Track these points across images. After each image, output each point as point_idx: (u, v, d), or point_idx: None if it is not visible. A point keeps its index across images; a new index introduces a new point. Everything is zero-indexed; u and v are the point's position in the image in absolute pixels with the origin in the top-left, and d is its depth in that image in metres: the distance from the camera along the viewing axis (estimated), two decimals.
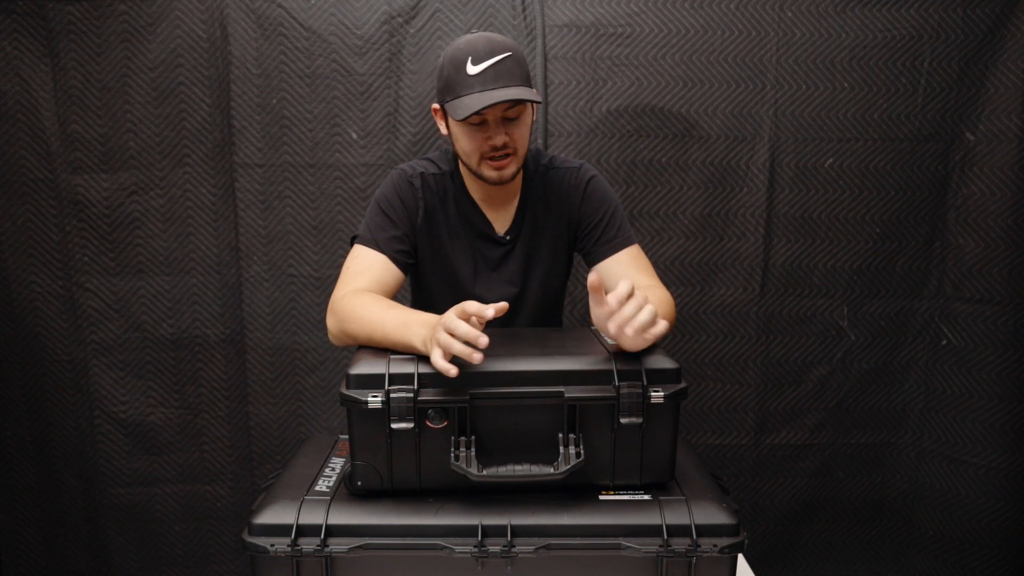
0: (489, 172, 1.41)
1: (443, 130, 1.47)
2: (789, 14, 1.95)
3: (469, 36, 1.39)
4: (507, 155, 1.40)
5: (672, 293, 2.04)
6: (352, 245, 1.47)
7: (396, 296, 1.44)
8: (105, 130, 1.98)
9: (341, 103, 1.98)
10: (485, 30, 1.94)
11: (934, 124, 1.98)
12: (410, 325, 1.18)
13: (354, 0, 1.94)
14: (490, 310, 1.07)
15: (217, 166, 2.02)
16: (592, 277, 1.12)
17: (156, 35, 1.94)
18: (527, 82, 1.38)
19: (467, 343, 1.06)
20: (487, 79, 1.33)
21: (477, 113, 1.33)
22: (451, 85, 1.37)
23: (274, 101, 1.97)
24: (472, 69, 1.34)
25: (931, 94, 1.97)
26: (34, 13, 1.92)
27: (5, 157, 1.98)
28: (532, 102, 1.36)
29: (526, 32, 1.96)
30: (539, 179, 1.53)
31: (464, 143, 1.41)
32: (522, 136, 1.41)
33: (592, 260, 1.52)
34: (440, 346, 1.07)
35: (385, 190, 1.49)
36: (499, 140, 1.37)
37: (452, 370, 1.06)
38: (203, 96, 1.98)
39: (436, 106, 1.45)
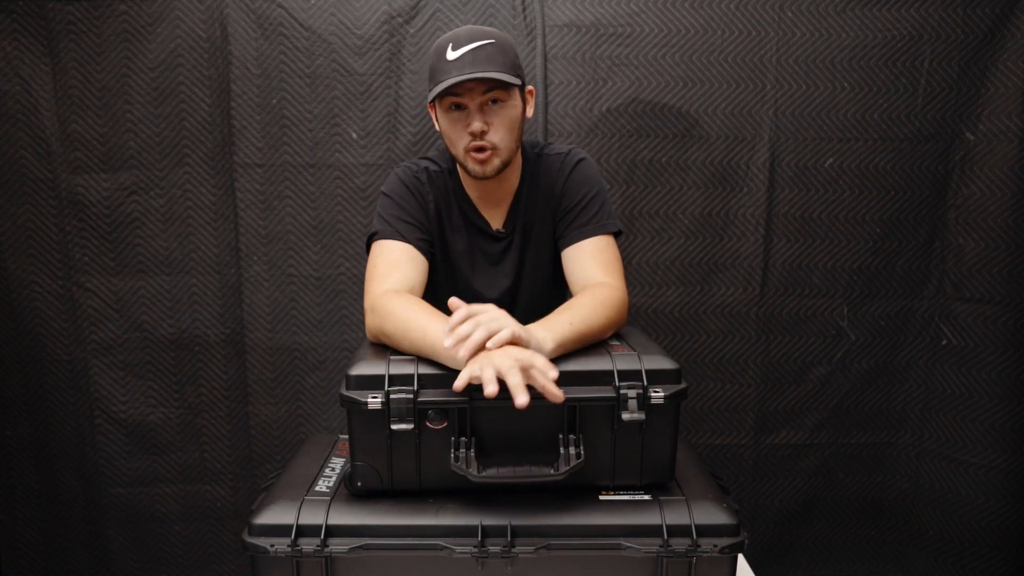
0: (473, 165, 1.39)
1: (436, 126, 1.46)
2: (789, 14, 1.95)
3: (459, 28, 1.39)
4: (487, 148, 1.37)
5: (672, 293, 2.06)
6: (369, 244, 1.45)
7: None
8: (105, 130, 1.98)
9: (341, 103, 1.98)
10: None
11: (934, 124, 1.98)
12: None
13: (354, 0, 1.94)
14: (553, 372, 1.08)
15: (217, 166, 2.02)
16: (452, 300, 1.15)
17: (156, 35, 1.94)
18: (511, 70, 1.35)
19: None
20: (464, 63, 1.32)
21: (451, 93, 1.32)
22: (433, 73, 1.36)
23: (274, 101, 1.97)
24: (451, 55, 1.33)
25: (931, 94, 1.97)
26: (34, 13, 1.92)
27: (5, 157, 1.98)
28: (503, 81, 1.32)
29: (526, 32, 1.96)
30: (531, 168, 1.52)
31: (447, 131, 1.40)
32: (503, 125, 1.37)
33: (560, 246, 1.50)
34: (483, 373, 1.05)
35: (394, 185, 1.48)
36: (476, 126, 1.35)
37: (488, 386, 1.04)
38: (203, 96, 1.98)
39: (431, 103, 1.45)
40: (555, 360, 1.16)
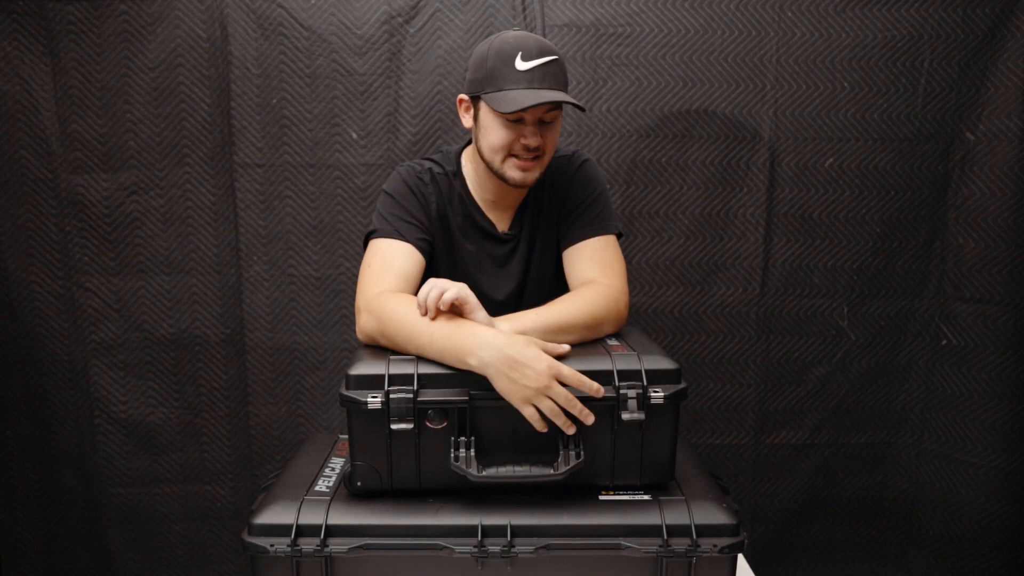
0: (512, 172, 1.39)
1: (466, 123, 1.44)
2: (789, 14, 1.95)
3: (516, 32, 1.38)
4: (536, 158, 1.38)
5: (672, 293, 2.06)
6: (367, 242, 1.44)
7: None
8: (105, 130, 1.98)
9: (341, 103, 1.98)
10: (485, 30, 1.94)
11: (934, 124, 1.98)
12: (465, 340, 1.15)
13: (354, 0, 1.94)
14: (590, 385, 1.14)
15: (217, 166, 2.02)
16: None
17: (156, 35, 1.94)
18: (568, 88, 1.39)
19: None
20: (535, 77, 1.31)
21: (524, 109, 1.31)
22: (495, 77, 1.34)
23: (274, 101, 1.97)
24: (522, 65, 1.32)
25: (931, 94, 1.97)
26: (34, 13, 1.92)
27: (5, 157, 1.98)
28: (579, 107, 1.36)
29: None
30: None
31: (494, 138, 1.37)
32: (553, 142, 1.40)
33: (562, 246, 1.50)
34: (544, 410, 1.13)
35: (396, 184, 1.47)
36: (533, 141, 1.35)
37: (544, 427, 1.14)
38: (203, 96, 1.98)
39: (464, 97, 1.42)
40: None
